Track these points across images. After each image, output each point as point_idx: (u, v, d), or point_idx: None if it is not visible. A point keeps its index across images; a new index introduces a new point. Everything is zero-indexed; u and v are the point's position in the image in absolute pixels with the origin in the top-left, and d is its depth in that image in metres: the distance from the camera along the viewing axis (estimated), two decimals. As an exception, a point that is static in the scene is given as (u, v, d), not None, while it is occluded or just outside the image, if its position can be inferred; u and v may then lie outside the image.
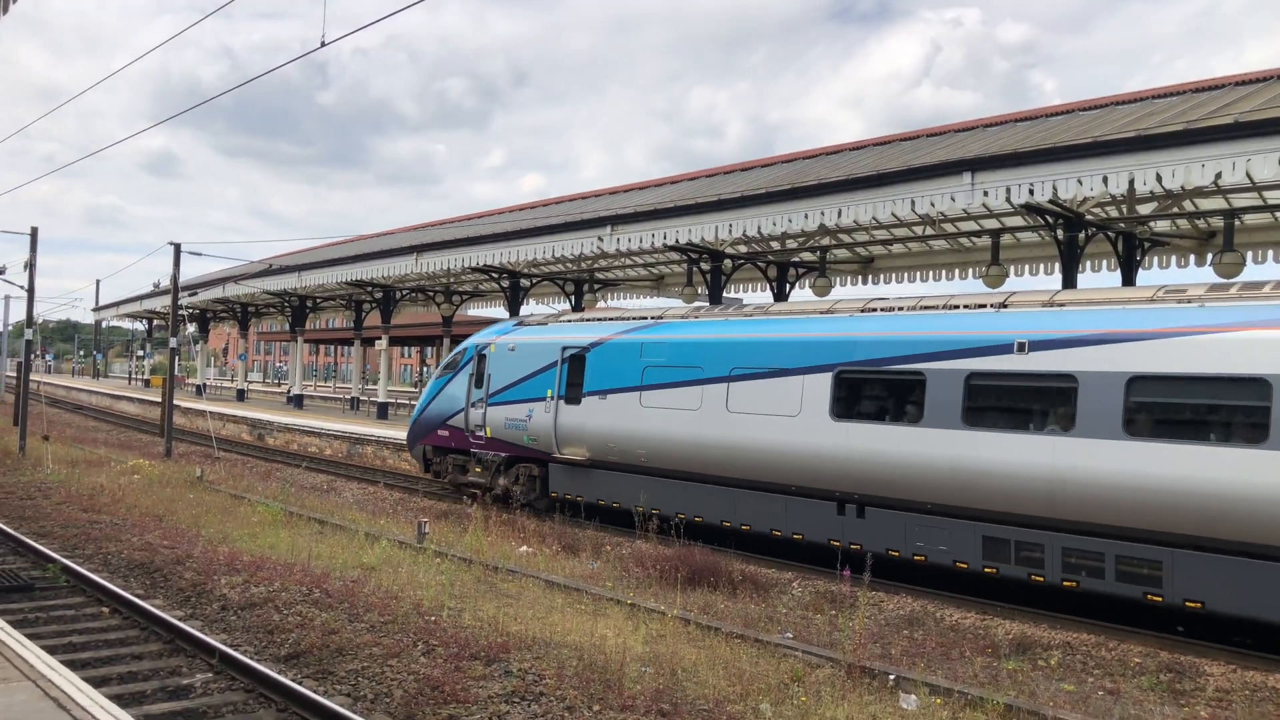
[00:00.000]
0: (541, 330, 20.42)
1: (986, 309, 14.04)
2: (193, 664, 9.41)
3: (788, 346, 15.60)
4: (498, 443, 20.30)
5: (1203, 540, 11.07)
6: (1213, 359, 11.21)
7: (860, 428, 14.37)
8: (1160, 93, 18.33)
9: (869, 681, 9.35)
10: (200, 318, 56.68)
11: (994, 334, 13.24)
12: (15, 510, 17.95)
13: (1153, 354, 11.71)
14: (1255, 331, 11.01)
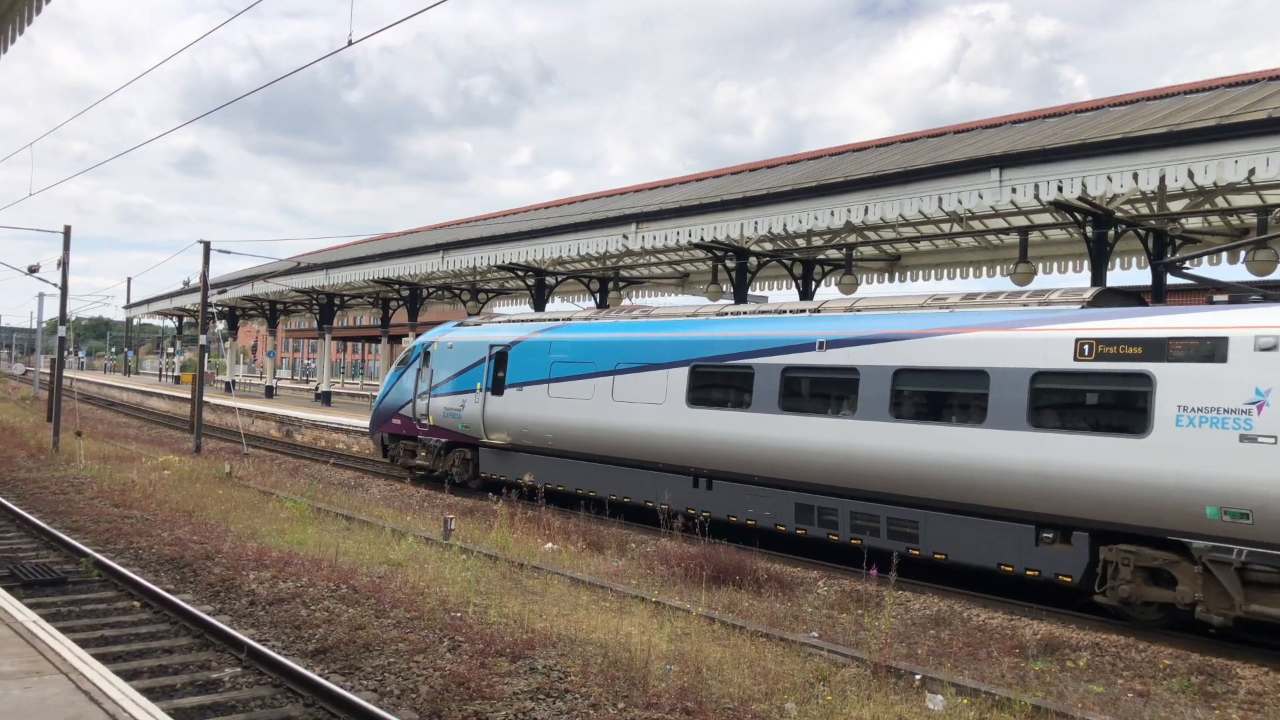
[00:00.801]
0: (475, 330, 23.14)
1: (804, 314, 16.74)
2: (222, 658, 9.51)
3: (658, 345, 18.14)
4: (439, 430, 22.86)
5: (945, 504, 13.58)
6: (952, 354, 13.72)
7: (708, 413, 16.88)
8: (1192, 88, 18.11)
9: (895, 681, 9.30)
10: (229, 315, 57.18)
11: (802, 334, 15.84)
12: (49, 505, 18.19)
13: (912, 350, 14.19)
14: (981, 332, 13.57)
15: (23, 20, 10.64)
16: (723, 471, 16.59)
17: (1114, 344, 12.25)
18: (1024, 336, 13.15)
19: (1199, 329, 11.65)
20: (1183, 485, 11.30)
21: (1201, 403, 11.34)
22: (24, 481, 21.18)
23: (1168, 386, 11.64)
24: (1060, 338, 12.75)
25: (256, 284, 45.10)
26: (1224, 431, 11.12)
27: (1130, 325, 12.29)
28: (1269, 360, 10.91)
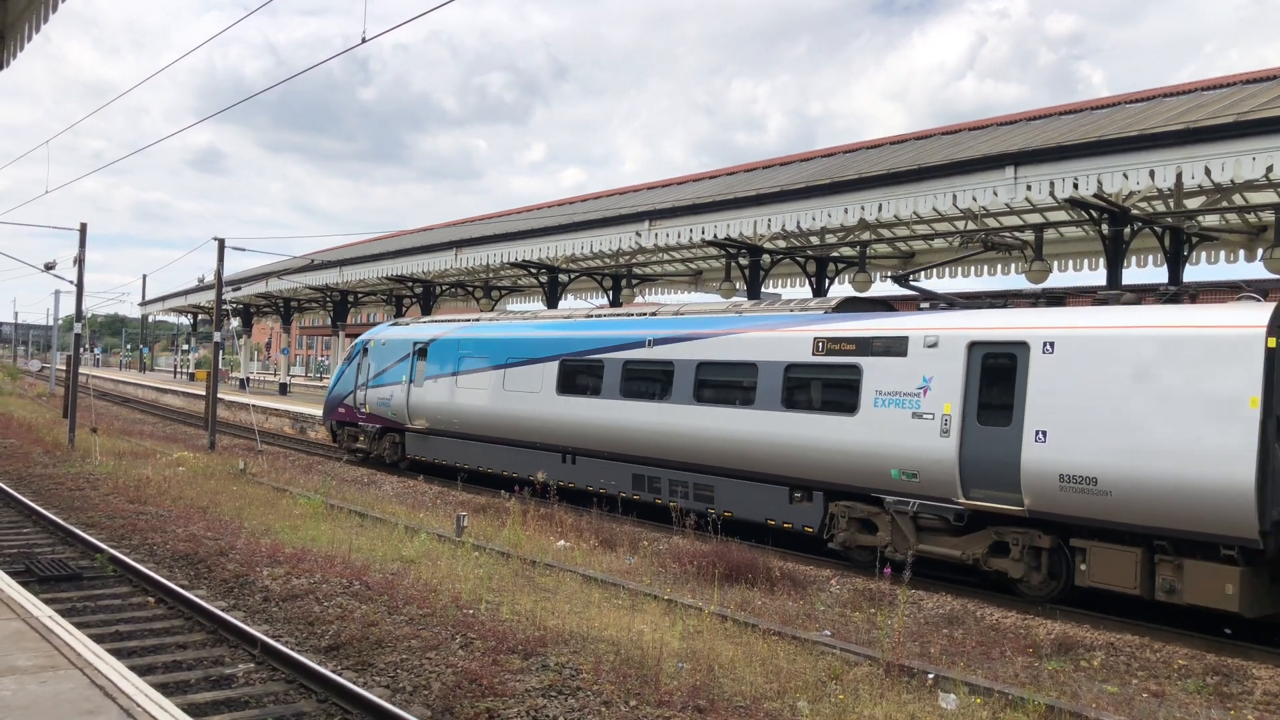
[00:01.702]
0: (403, 329, 26.14)
1: (644, 316, 19.90)
2: (235, 654, 9.55)
3: (537, 343, 21.09)
4: (374, 417, 25.94)
5: (732, 471, 16.56)
6: (735, 351, 16.77)
7: (572, 400, 19.78)
8: (1209, 84, 17.99)
9: (908, 680, 9.27)
10: (244, 312, 57.44)
11: (638, 334, 18.79)
12: (65, 501, 18.31)
13: (710, 348, 17.24)
14: (754, 332, 16.61)
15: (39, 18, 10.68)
16: (583, 449, 19.60)
17: (838, 342, 15.24)
18: (781, 336, 16.14)
19: (892, 330, 14.55)
20: (878, 452, 14.27)
21: (890, 388, 14.26)
22: (40, 477, 21.32)
23: (870, 375, 14.59)
24: (804, 337, 15.74)
25: (271, 281, 45.27)
26: (903, 410, 14.05)
27: (851, 326, 15.25)
28: (932, 354, 13.87)
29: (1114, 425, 11.96)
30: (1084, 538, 12.44)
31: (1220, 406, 11.21)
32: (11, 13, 10.85)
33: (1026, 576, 13.03)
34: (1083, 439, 12.17)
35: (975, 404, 13.32)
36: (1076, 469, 12.13)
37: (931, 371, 13.78)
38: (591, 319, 21.16)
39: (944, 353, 13.75)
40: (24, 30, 10.91)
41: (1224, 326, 11.52)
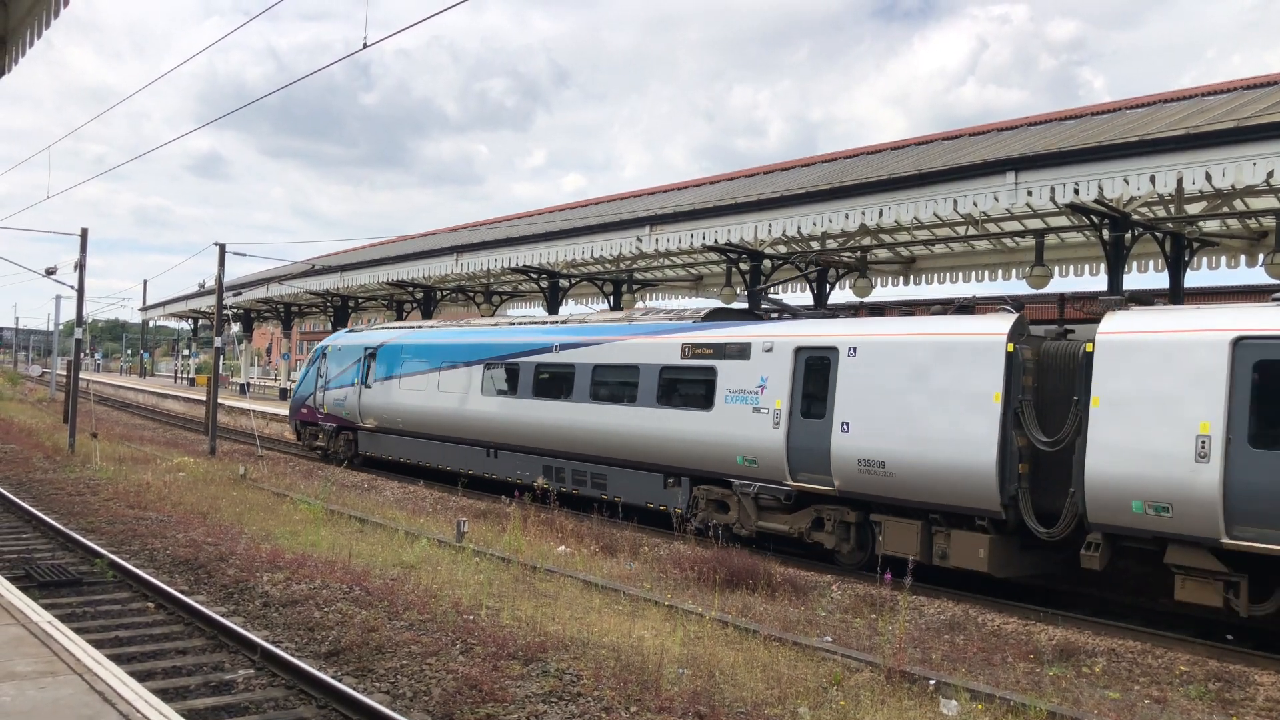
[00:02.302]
0: (357, 335, 28.58)
1: (555, 324, 22.34)
2: (235, 660, 9.53)
3: (466, 347, 23.42)
4: (332, 416, 28.18)
5: (620, 461, 18.76)
6: (623, 355, 19.02)
7: (493, 399, 22.13)
8: (1210, 90, 17.98)
9: (909, 686, 9.25)
10: (244, 317, 57.42)
11: (547, 339, 21.10)
12: (65, 506, 18.29)
13: (604, 352, 19.50)
14: (638, 339, 18.89)
15: (41, 24, 10.69)
16: (503, 444, 21.82)
17: (699, 347, 17.59)
18: (658, 342, 18.45)
19: (740, 337, 16.92)
20: (727, 442, 16.61)
21: (737, 387, 16.63)
22: (40, 483, 21.31)
23: (722, 376, 16.94)
24: (675, 343, 18.03)
25: (271, 286, 45.26)
26: (746, 406, 16.42)
27: (711, 334, 17.53)
28: (768, 358, 16.28)
29: (898, 417, 14.21)
30: (880, 513, 14.67)
31: (973, 401, 13.40)
32: (13, 17, 10.86)
33: (839, 547, 15.26)
34: (875, 429, 14.47)
35: (800, 400, 15.69)
36: (871, 454, 14.42)
37: (767, 373, 16.21)
38: (513, 326, 23.79)
39: (777, 357, 16.15)
40: (26, 35, 10.91)
41: (976, 334, 13.75)
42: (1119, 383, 12.19)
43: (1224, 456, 11.14)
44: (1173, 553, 11.69)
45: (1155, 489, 11.63)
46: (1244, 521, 10.96)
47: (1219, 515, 11.07)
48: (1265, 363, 11.15)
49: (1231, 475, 11.08)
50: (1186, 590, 11.72)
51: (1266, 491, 10.85)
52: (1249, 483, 10.97)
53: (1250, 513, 10.93)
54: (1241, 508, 10.98)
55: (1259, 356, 11.20)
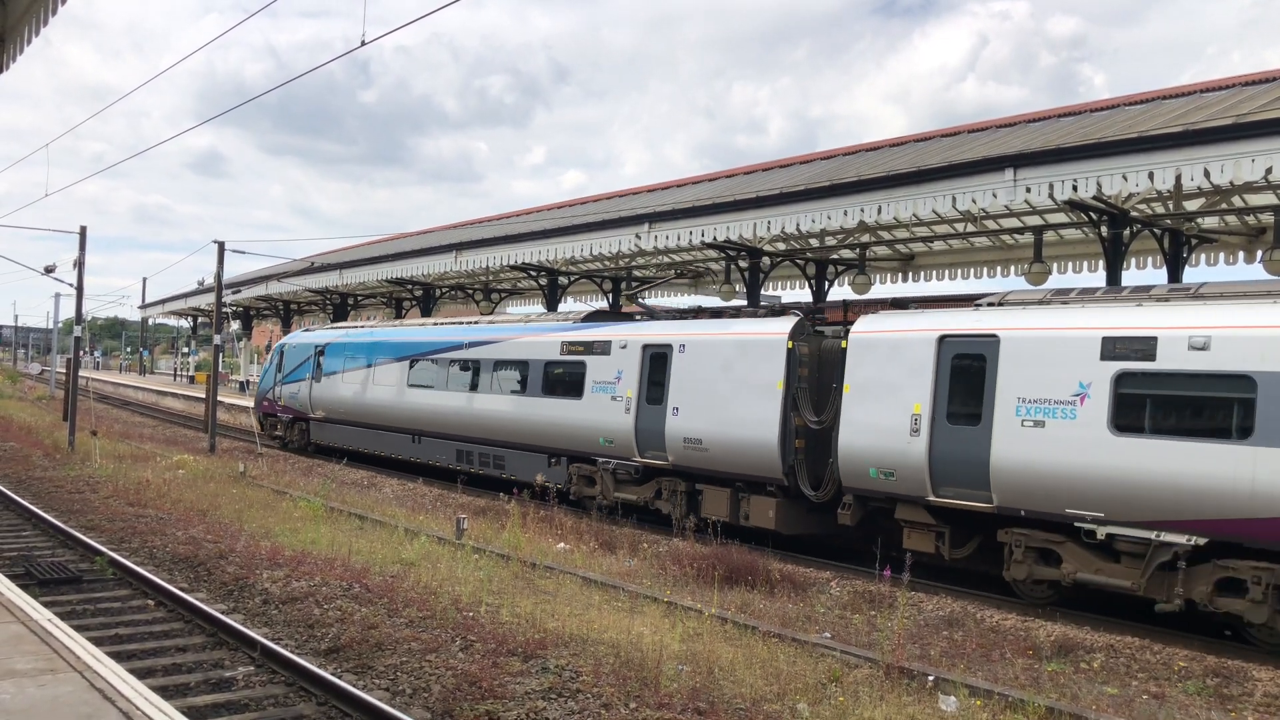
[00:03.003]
0: (310, 334, 31.53)
1: (470, 324, 24.99)
2: (235, 657, 9.54)
3: (395, 345, 26.28)
4: (288, 408, 30.98)
5: (515, 444, 21.61)
6: (518, 351, 21.92)
7: (417, 391, 24.94)
8: (1209, 86, 17.97)
9: (908, 682, 9.27)
10: (244, 315, 57.40)
11: (459, 338, 23.93)
12: (65, 504, 18.30)
13: (503, 349, 22.38)
14: (530, 337, 21.74)
15: (40, 21, 10.68)
16: (425, 431, 24.55)
17: (574, 345, 20.25)
18: (545, 340, 21.15)
19: (603, 336, 19.61)
20: (593, 426, 19.27)
21: (600, 379, 19.26)
22: (40, 480, 21.32)
23: (590, 369, 19.58)
24: (557, 341, 20.76)
25: (271, 284, 45.20)
26: (606, 395, 19.10)
27: (584, 333, 20.20)
28: (624, 354, 18.92)
29: (712, 403, 17.08)
30: (702, 483, 17.52)
31: (762, 389, 16.29)
32: (12, 15, 10.85)
33: (674, 512, 17.89)
34: (696, 413, 17.36)
35: (645, 389, 18.43)
36: (693, 434, 17.37)
37: (623, 366, 18.91)
38: (436, 326, 26.52)
39: (630, 353, 18.86)
40: (24, 33, 10.91)
41: (765, 334, 16.64)
42: (862, 372, 15.02)
43: (930, 431, 13.90)
44: (900, 509, 14.55)
45: (885, 458, 14.42)
46: (943, 483, 13.77)
47: (926, 478, 13.89)
48: (959, 355, 13.94)
49: (935, 446, 13.83)
50: (912, 540, 14.41)
51: (959, 458, 13.54)
52: (947, 451, 13.70)
53: (947, 475, 13.72)
54: (941, 472, 13.76)
55: (955, 350, 13.99)
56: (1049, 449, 12.64)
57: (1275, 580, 10.92)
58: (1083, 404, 12.48)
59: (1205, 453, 11.36)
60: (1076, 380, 12.58)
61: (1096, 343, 12.54)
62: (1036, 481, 12.76)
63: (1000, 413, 13.19)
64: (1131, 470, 11.89)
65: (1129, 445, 11.96)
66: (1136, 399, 12.13)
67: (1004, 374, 13.29)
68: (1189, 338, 11.77)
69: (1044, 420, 12.77)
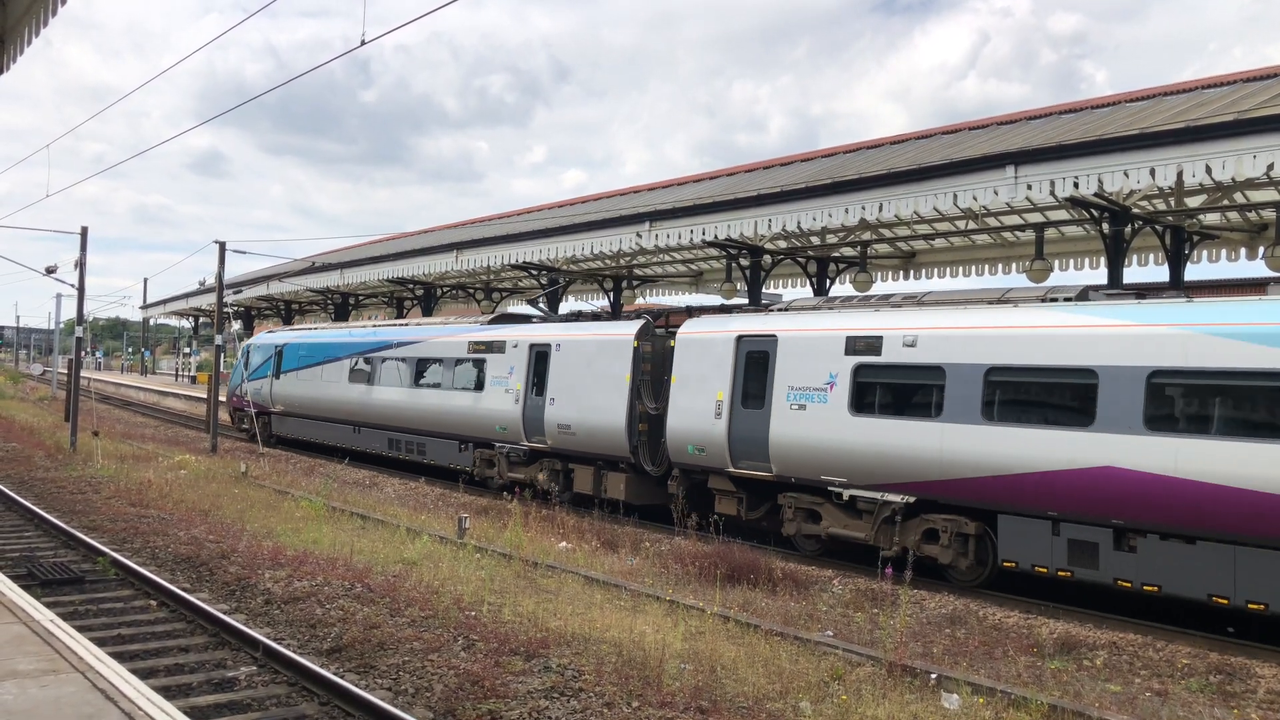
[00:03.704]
0: (271, 335, 34.18)
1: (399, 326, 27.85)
2: (237, 657, 9.54)
3: (341, 345, 28.98)
4: (254, 403, 33.16)
5: (434, 433, 24.50)
6: (435, 349, 24.73)
7: (355, 387, 27.65)
8: (1210, 83, 17.95)
9: (910, 680, 9.26)
10: (245, 315, 57.38)
11: (390, 338, 26.88)
12: (67, 504, 18.30)
13: (425, 348, 25.19)
14: (444, 338, 24.56)
15: (39, 22, 10.68)
16: (363, 422, 27.34)
17: (477, 344, 23.21)
18: (455, 339, 24.08)
19: (500, 336, 22.59)
20: (491, 415, 22.22)
21: (497, 374, 22.28)
22: (42, 481, 21.32)
23: (489, 366, 22.56)
24: (464, 340, 23.69)
25: (271, 284, 45.19)
26: (501, 387, 22.03)
27: (486, 333, 23.15)
28: (516, 352, 21.87)
29: (578, 394, 19.90)
30: (573, 463, 20.44)
31: (614, 381, 19.11)
32: (11, 16, 10.85)
33: (552, 488, 20.72)
34: (567, 402, 20.16)
35: (531, 383, 21.20)
36: (565, 420, 20.17)
37: (514, 363, 21.79)
38: (375, 328, 29.68)
39: (520, 351, 21.75)
40: (24, 34, 10.91)
41: (617, 335, 19.58)
42: (684, 367, 17.97)
43: (729, 414, 16.85)
44: (711, 480, 17.51)
45: (698, 437, 17.34)
46: (739, 457, 16.65)
47: (727, 453, 16.80)
48: (750, 351, 16.80)
49: (733, 426, 16.75)
50: (721, 505, 17.18)
51: (749, 436, 16.44)
52: (741, 430, 16.62)
53: (742, 450, 16.58)
54: (737, 447, 16.65)
55: (748, 348, 16.88)
56: (809, 427, 15.53)
57: (957, 529, 13.79)
58: (832, 390, 15.39)
59: (913, 428, 14.12)
60: (828, 372, 15.50)
61: (842, 341, 15.40)
62: (801, 454, 15.68)
63: (777, 398, 16.10)
64: (865, 444, 14.71)
65: (863, 424, 14.80)
66: (869, 386, 15.00)
67: (780, 367, 16.20)
68: (903, 336, 14.56)
69: (805, 404, 15.71)
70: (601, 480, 19.70)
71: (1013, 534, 13.12)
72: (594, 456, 19.74)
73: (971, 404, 13.49)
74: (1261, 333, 11.36)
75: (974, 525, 13.64)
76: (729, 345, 17.16)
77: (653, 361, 19.12)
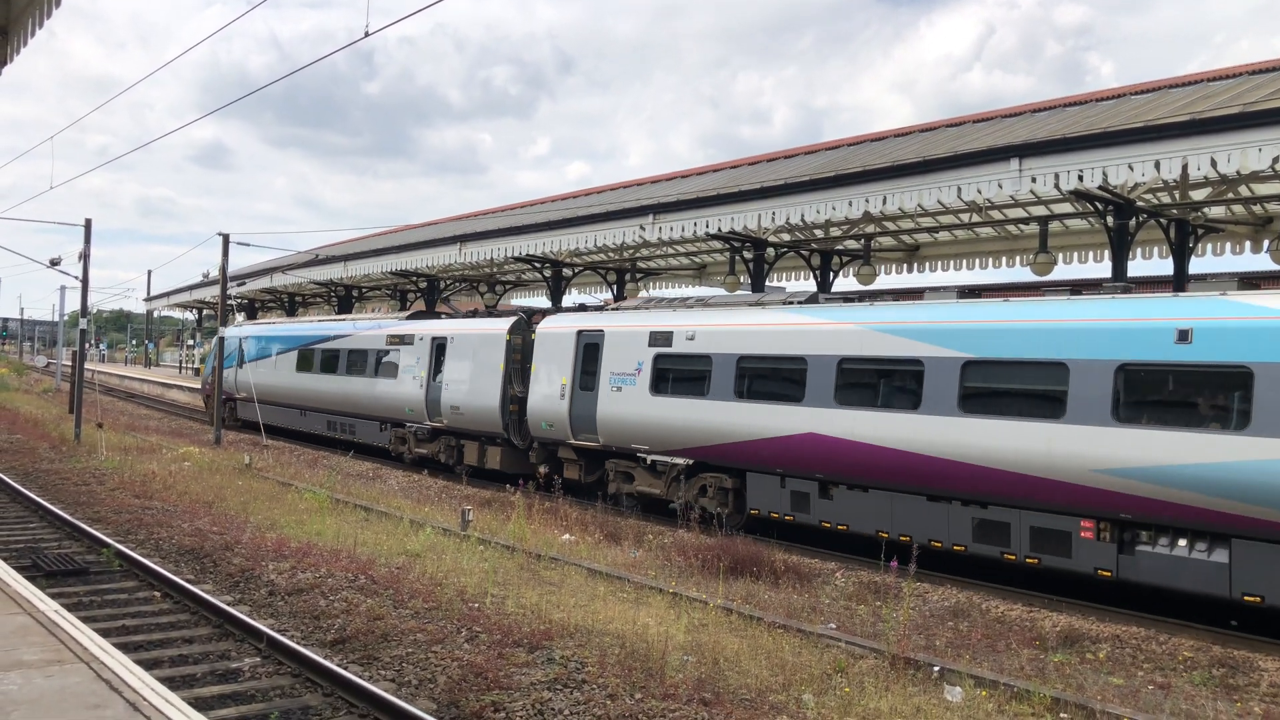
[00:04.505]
0: (238, 329, 37.27)
1: (336, 321, 32.14)
2: (241, 648, 9.57)
3: (290, 337, 32.41)
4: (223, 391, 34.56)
5: (362, 416, 27.90)
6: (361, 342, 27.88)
7: (300, 375, 30.94)
8: (1215, 75, 17.89)
9: (913, 673, 9.27)
10: (249, 307, 57.40)
11: (328, 331, 30.29)
12: (71, 496, 18.34)
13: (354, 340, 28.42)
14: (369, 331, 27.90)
15: (43, 14, 10.67)
16: (307, 407, 30.68)
17: (393, 336, 26.70)
18: (376, 333, 27.58)
19: (408, 330, 26.11)
20: (403, 399, 25.71)
21: (406, 363, 25.72)
22: (47, 473, 21.37)
23: (401, 356, 26.00)
24: (383, 334, 27.19)
25: (275, 276, 45.18)
26: (411, 375, 25.47)
27: (401, 328, 26.58)
28: (422, 344, 25.31)
29: (465, 380, 23.48)
30: (463, 439, 24.06)
31: (491, 369, 22.69)
32: (15, 7, 10.84)
33: (449, 460, 24.60)
34: (458, 387, 23.73)
35: (432, 370, 24.67)
36: (456, 403, 23.76)
37: (419, 354, 25.28)
38: (320, 322, 32.81)
39: (424, 343, 25.22)
40: (27, 26, 10.90)
41: (494, 330, 23.07)
42: (540, 356, 21.30)
43: (570, 396, 20.11)
44: (560, 450, 21.02)
45: (549, 415, 20.73)
46: (578, 430, 20.01)
47: (568, 427, 20.17)
48: (587, 344, 20.15)
49: (573, 406, 20.02)
50: (568, 471, 20.70)
51: (584, 413, 19.76)
52: (579, 409, 19.89)
53: (579, 425, 19.95)
54: (576, 423, 20.00)
55: (585, 341, 20.23)
56: (625, 406, 18.96)
57: (720, 484, 17.34)
58: (639, 376, 18.76)
59: (691, 405, 17.58)
60: (637, 360, 18.86)
61: (647, 335, 18.81)
62: (619, 428, 19.11)
63: (603, 382, 19.48)
64: (660, 418, 18.22)
65: (659, 402, 18.30)
66: (663, 372, 18.40)
67: (606, 356, 19.57)
68: (686, 332, 18.03)
69: (622, 387, 19.09)
70: (484, 453, 23.26)
71: (756, 487, 16.67)
72: (478, 433, 23.44)
73: (728, 385, 16.95)
74: (904, 329, 14.68)
75: (731, 481, 17.17)
76: (571, 339, 20.56)
77: (522, 353, 22.36)
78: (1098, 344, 12.61)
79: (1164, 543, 11.90)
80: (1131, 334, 12.38)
